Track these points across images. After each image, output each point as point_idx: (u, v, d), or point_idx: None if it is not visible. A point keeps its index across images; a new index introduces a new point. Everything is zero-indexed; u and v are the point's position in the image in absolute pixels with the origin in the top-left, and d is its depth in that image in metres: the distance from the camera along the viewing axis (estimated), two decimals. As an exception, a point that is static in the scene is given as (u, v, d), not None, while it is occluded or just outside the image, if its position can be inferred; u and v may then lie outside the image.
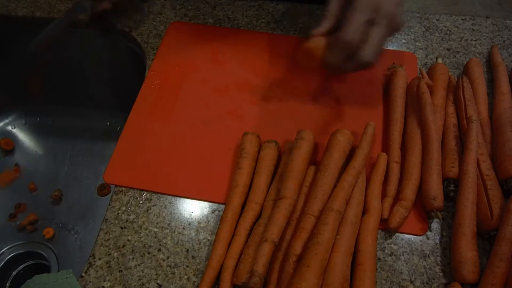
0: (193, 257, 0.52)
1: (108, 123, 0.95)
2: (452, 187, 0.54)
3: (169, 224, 0.55)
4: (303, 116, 0.65)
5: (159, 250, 0.53)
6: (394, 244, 0.53)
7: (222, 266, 0.49)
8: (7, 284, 0.79)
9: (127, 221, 0.55)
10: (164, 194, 0.57)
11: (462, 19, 0.78)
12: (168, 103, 0.66)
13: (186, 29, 0.76)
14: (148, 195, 0.57)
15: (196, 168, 0.59)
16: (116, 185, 0.58)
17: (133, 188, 0.58)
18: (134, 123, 0.64)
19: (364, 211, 0.53)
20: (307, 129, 0.57)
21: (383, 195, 0.54)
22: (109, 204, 0.57)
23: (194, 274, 0.51)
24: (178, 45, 0.73)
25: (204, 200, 0.57)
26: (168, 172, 0.59)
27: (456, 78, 0.66)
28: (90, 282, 0.50)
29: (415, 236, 0.53)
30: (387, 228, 0.53)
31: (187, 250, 0.53)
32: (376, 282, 0.49)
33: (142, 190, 0.58)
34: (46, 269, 0.78)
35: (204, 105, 0.66)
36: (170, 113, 0.65)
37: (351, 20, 0.51)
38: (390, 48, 0.73)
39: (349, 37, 0.50)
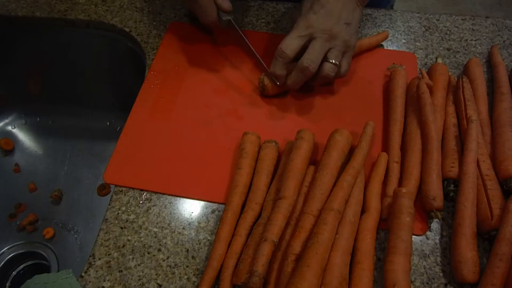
0: (193, 257, 0.52)
1: (108, 123, 0.95)
2: (452, 187, 0.54)
3: (169, 224, 0.55)
4: (303, 116, 0.65)
5: (159, 250, 0.53)
6: (394, 244, 0.53)
7: (222, 266, 0.49)
8: (7, 284, 0.79)
9: (127, 221, 0.55)
10: (164, 194, 0.57)
11: (462, 19, 0.78)
12: (168, 103, 0.66)
13: (186, 29, 0.76)
14: (148, 195, 0.57)
15: (196, 168, 0.59)
16: (116, 185, 0.58)
17: (133, 188, 0.58)
18: (134, 123, 0.64)
19: (364, 210, 0.53)
20: (307, 129, 0.57)
21: (383, 195, 0.55)
22: (109, 204, 0.57)
23: (194, 274, 0.51)
24: (178, 45, 0.73)
25: (204, 200, 0.57)
26: (168, 172, 0.59)
27: (456, 78, 0.66)
28: (90, 282, 0.50)
29: (415, 236, 0.53)
30: (386, 228, 0.53)
31: (187, 250, 0.53)
32: (376, 282, 0.49)
33: (142, 190, 0.58)
34: (46, 269, 0.79)
35: (204, 105, 0.66)
36: (170, 113, 0.65)
37: (288, 36, 0.59)
38: (390, 48, 0.73)
39: (283, 45, 0.59)
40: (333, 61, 0.59)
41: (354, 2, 0.61)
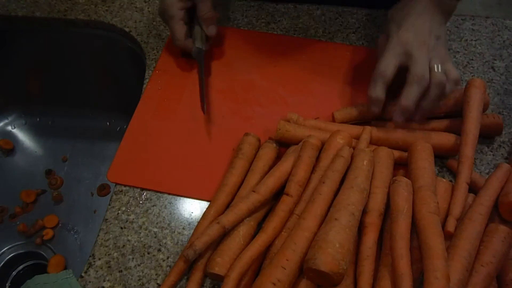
0: (193, 257, 0.52)
1: (108, 123, 0.95)
2: None
3: (169, 224, 0.55)
4: (307, 117, 0.64)
5: (159, 250, 0.53)
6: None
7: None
8: (7, 284, 0.79)
9: (127, 221, 0.55)
10: (166, 193, 0.57)
11: (462, 19, 0.78)
12: (172, 103, 0.66)
13: None
14: (148, 195, 0.57)
15: (200, 168, 0.59)
16: (116, 185, 0.58)
17: (133, 188, 0.58)
18: (138, 122, 0.64)
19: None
20: (315, 135, 0.57)
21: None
22: (109, 204, 0.57)
23: (194, 274, 0.51)
24: None
25: (207, 200, 0.57)
26: (172, 172, 0.59)
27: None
28: (90, 282, 0.50)
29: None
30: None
31: (187, 250, 0.53)
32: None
33: (142, 190, 0.57)
34: (46, 269, 0.79)
35: (209, 105, 0.66)
36: (175, 113, 0.65)
37: (383, 56, 0.57)
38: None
39: (382, 66, 0.56)
40: (439, 69, 0.55)
41: (438, 19, 0.59)
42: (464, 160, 0.54)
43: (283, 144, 0.59)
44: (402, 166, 0.57)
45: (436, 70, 0.55)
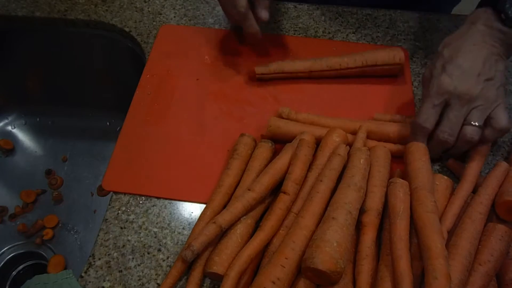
0: (193, 257, 0.52)
1: (108, 123, 0.95)
2: None
3: (169, 224, 0.55)
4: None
5: (159, 250, 0.53)
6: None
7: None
8: (7, 284, 0.79)
9: (127, 221, 0.55)
10: (163, 198, 0.57)
11: (462, 19, 0.78)
12: (163, 107, 0.66)
13: (177, 32, 0.75)
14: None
15: (195, 171, 0.59)
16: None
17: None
18: (130, 128, 0.63)
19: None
20: (308, 132, 0.57)
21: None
22: (109, 204, 0.57)
23: (194, 274, 0.51)
24: (170, 48, 0.73)
25: (204, 203, 0.56)
26: (167, 176, 0.58)
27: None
28: (90, 282, 0.50)
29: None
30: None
31: (187, 250, 0.53)
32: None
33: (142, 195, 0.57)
34: (46, 269, 0.79)
35: (200, 107, 0.66)
36: (166, 116, 0.65)
37: (423, 106, 0.55)
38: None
39: (421, 119, 0.54)
40: (476, 124, 0.53)
41: (497, 54, 0.55)
42: (469, 179, 0.55)
43: (279, 141, 0.59)
44: (401, 159, 0.57)
45: (471, 124, 0.53)
